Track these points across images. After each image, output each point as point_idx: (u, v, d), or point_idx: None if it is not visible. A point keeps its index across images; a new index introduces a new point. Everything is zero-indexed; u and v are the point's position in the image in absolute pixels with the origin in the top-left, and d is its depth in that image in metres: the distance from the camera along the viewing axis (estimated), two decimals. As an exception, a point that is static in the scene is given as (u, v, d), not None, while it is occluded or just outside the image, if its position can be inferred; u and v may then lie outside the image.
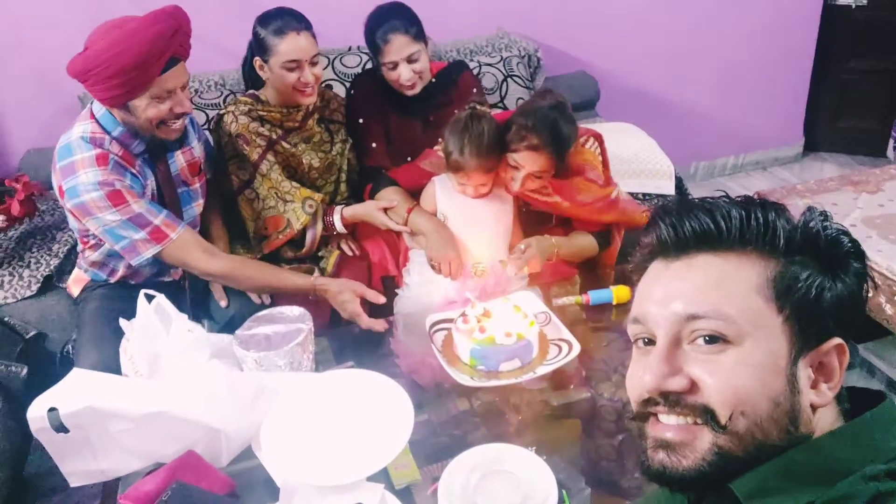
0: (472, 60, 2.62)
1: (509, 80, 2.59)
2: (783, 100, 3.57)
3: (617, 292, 1.66)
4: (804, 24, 3.38)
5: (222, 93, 2.44)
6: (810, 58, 3.49)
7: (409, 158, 2.01)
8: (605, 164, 1.87)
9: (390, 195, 1.88)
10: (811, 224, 0.67)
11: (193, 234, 1.69)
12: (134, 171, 1.62)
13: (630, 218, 1.85)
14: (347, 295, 1.67)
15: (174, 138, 1.65)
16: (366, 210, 1.89)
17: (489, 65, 2.60)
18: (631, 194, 2.35)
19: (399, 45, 1.85)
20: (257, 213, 1.88)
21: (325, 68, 2.44)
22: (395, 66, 1.88)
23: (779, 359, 0.64)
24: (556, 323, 1.56)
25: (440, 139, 1.77)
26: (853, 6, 3.37)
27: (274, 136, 1.88)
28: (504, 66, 2.61)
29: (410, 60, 1.87)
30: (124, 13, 1.51)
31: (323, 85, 2.14)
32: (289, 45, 1.76)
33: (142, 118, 1.55)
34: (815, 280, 0.65)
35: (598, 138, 1.85)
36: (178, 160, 1.75)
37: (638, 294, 0.73)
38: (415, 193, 1.90)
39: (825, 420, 0.65)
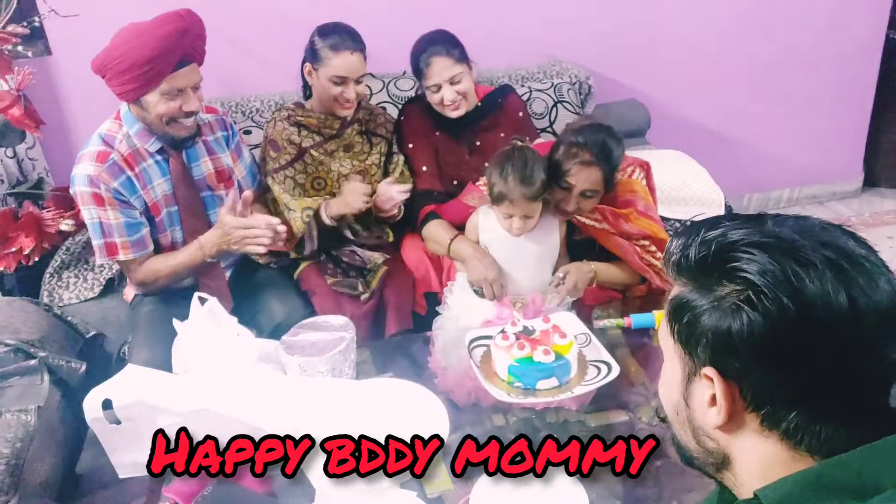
0: (522, 86, 2.66)
1: (559, 105, 2.62)
2: (843, 133, 3.49)
3: (660, 317, 1.64)
4: (866, 57, 3.31)
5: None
6: (872, 91, 3.40)
7: (455, 182, 2.06)
8: (651, 190, 1.87)
9: (434, 228, 1.91)
10: (687, 242, 0.68)
11: (143, 260, 1.79)
12: (135, 171, 1.74)
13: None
14: (224, 228, 1.70)
15: (185, 136, 1.76)
16: (343, 201, 1.94)
17: (539, 90, 2.63)
18: (678, 222, 2.34)
19: (441, 68, 1.93)
20: (275, 213, 1.96)
21: (380, 91, 2.51)
22: (438, 88, 1.96)
23: (675, 374, 0.71)
24: (596, 344, 1.55)
25: (485, 165, 1.79)
26: (917, 39, 3.29)
27: (305, 144, 1.97)
28: (554, 91, 2.64)
29: (453, 82, 1.94)
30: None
31: (375, 105, 2.21)
32: (341, 62, 1.87)
33: (153, 114, 1.67)
34: (691, 303, 0.66)
35: (645, 167, 1.85)
36: (206, 166, 1.86)
37: None
38: (459, 228, 1.92)
39: (758, 449, 0.65)
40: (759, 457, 0.66)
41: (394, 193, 1.91)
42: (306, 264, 2.01)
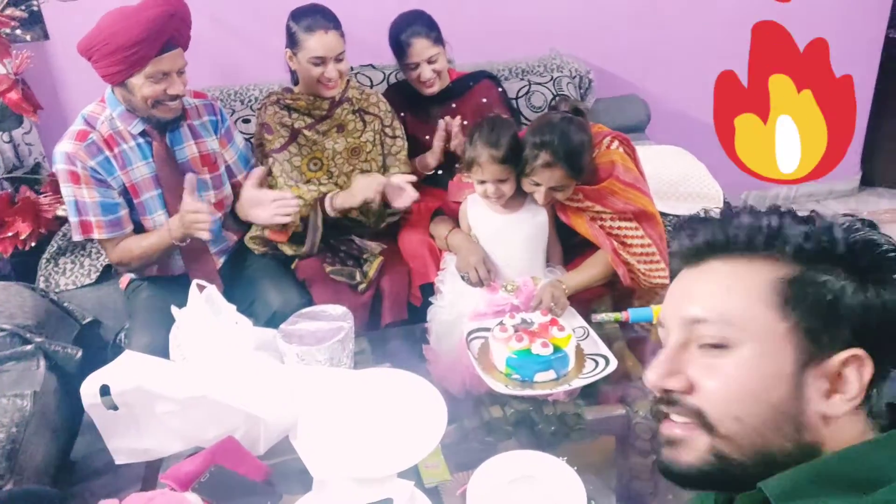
0: (522, 79, 2.66)
1: (558, 99, 2.61)
2: (840, 132, 3.49)
3: (657, 311, 1.64)
4: (865, 57, 3.32)
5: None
6: (870, 91, 3.41)
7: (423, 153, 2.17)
8: (637, 167, 1.83)
9: (437, 225, 1.95)
10: (833, 231, 0.66)
11: (119, 240, 1.81)
12: (114, 152, 1.76)
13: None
14: (183, 213, 1.71)
15: (170, 118, 1.77)
16: (349, 194, 1.92)
17: (539, 84, 2.63)
18: (677, 217, 2.34)
19: (421, 48, 2.05)
20: None
21: (381, 83, 2.50)
22: (416, 66, 2.08)
23: (783, 365, 0.63)
24: (594, 338, 1.56)
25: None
26: (917, 39, 3.29)
27: (297, 126, 1.99)
28: (554, 85, 2.63)
29: (430, 61, 2.07)
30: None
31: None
32: (316, 42, 1.88)
33: (138, 96, 1.69)
34: (833, 287, 0.63)
35: (622, 140, 1.82)
36: (191, 149, 1.87)
37: (664, 300, 0.76)
38: None
39: (847, 432, 0.64)
40: (849, 440, 0.63)
41: (409, 191, 1.88)
42: (304, 253, 2.00)
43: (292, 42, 1.93)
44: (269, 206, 1.80)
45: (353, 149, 2.05)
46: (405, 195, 1.88)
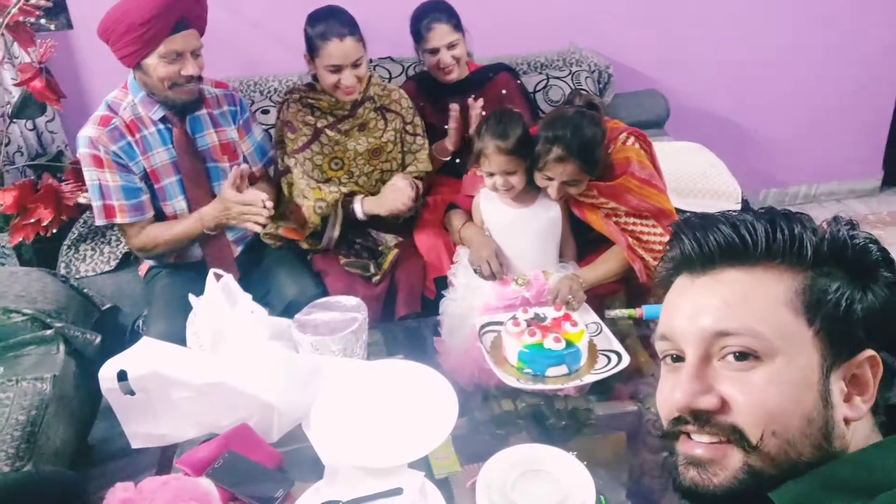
0: (540, 73, 2.65)
1: (572, 93, 2.59)
2: (863, 131, 3.44)
3: (671, 309, 1.63)
4: (889, 55, 3.26)
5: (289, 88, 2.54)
6: (894, 89, 3.35)
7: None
8: (655, 168, 1.82)
9: (451, 218, 1.96)
10: (839, 234, 0.66)
11: (143, 224, 1.84)
12: (135, 137, 1.79)
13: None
14: (224, 202, 1.76)
15: (187, 99, 1.79)
16: (379, 202, 1.96)
17: (557, 78, 2.62)
18: (693, 214, 2.32)
19: (441, 33, 2.09)
20: (290, 197, 1.99)
21: (399, 75, 2.51)
22: (436, 51, 2.11)
23: (811, 374, 0.62)
24: (607, 334, 1.55)
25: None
26: (944, 37, 3.22)
27: (320, 125, 1.99)
28: (572, 79, 2.62)
29: (450, 47, 2.10)
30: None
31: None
32: (331, 50, 1.85)
33: (154, 77, 1.72)
34: (845, 291, 0.64)
35: (639, 135, 1.80)
36: (211, 138, 1.90)
37: (664, 310, 0.72)
38: None
39: (860, 433, 0.64)
40: (861, 441, 0.64)
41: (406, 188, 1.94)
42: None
43: (309, 47, 1.92)
44: (237, 208, 1.76)
45: (374, 149, 2.04)
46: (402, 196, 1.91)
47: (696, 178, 2.42)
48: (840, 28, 3.13)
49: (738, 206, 2.38)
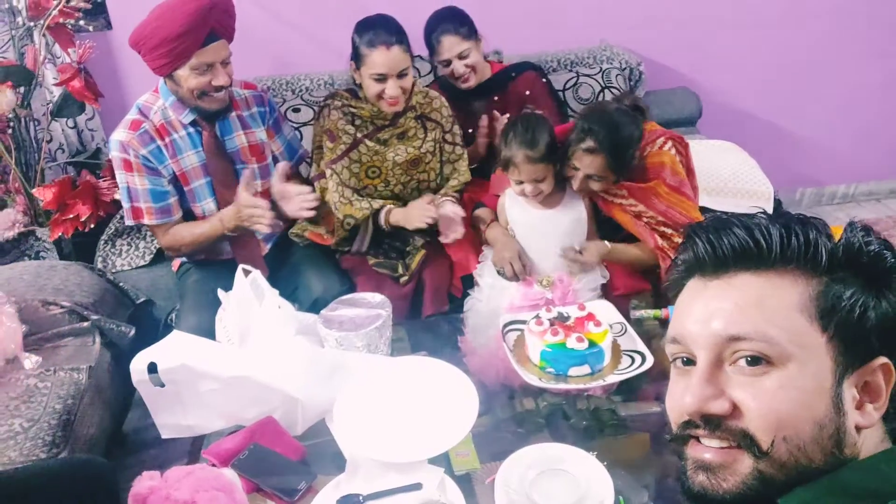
0: (571, 70, 2.63)
1: (606, 91, 2.58)
2: (904, 129, 3.35)
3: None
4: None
5: (330, 91, 2.57)
6: (938, 88, 3.25)
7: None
8: (689, 170, 1.81)
9: (477, 216, 1.96)
10: (853, 240, 0.65)
11: (168, 227, 1.88)
12: (165, 141, 1.82)
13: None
14: (237, 205, 1.78)
15: (216, 108, 1.82)
16: (405, 216, 1.94)
17: (587, 75, 2.60)
18: (724, 213, 2.29)
19: (450, 45, 2.07)
20: (323, 202, 1.98)
21: (427, 74, 2.50)
22: (448, 62, 2.09)
23: (823, 380, 0.62)
24: (632, 334, 1.55)
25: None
26: None
27: (359, 135, 1.97)
28: (602, 77, 2.60)
29: (461, 57, 2.08)
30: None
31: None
32: (377, 59, 1.82)
33: (184, 88, 1.75)
34: (859, 298, 0.63)
35: (679, 141, 1.79)
36: (240, 139, 1.92)
37: (676, 313, 0.72)
38: None
39: (871, 441, 0.63)
40: (872, 448, 0.64)
41: (459, 227, 1.89)
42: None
43: (355, 55, 1.89)
44: (294, 200, 1.83)
45: (412, 160, 2.02)
46: (454, 229, 1.88)
47: (727, 177, 2.38)
48: (879, 23, 3.04)
49: (770, 206, 2.34)
